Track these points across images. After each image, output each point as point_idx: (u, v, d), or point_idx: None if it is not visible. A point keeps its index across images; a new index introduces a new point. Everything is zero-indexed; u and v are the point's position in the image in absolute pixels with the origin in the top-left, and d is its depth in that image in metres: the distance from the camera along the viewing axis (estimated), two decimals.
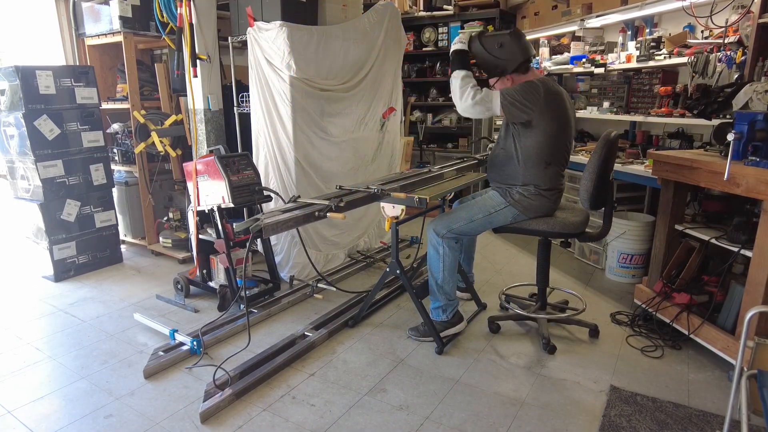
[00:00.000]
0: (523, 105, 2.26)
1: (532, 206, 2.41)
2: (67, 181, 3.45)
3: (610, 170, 2.36)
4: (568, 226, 2.42)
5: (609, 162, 2.33)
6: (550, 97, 2.28)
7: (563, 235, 2.48)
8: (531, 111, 2.26)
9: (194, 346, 2.43)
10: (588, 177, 2.27)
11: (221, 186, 2.75)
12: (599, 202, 2.37)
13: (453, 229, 2.47)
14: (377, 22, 3.61)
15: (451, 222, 2.48)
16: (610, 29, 4.27)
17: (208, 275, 3.11)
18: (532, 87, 2.26)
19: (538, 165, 2.36)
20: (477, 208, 2.48)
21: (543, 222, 2.43)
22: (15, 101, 3.25)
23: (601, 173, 2.26)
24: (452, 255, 2.49)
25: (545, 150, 2.33)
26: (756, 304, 2.05)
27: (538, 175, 2.37)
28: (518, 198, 2.41)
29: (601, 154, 2.25)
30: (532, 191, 2.39)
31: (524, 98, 2.26)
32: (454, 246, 2.49)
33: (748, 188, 2.04)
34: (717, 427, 1.91)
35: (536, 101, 2.25)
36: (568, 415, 2.02)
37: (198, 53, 3.31)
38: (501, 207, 2.44)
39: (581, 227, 2.45)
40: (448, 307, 2.56)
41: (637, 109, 3.79)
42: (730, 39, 2.89)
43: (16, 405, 2.09)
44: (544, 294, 2.68)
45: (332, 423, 1.97)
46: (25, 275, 3.54)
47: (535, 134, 2.32)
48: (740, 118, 2.10)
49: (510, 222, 2.46)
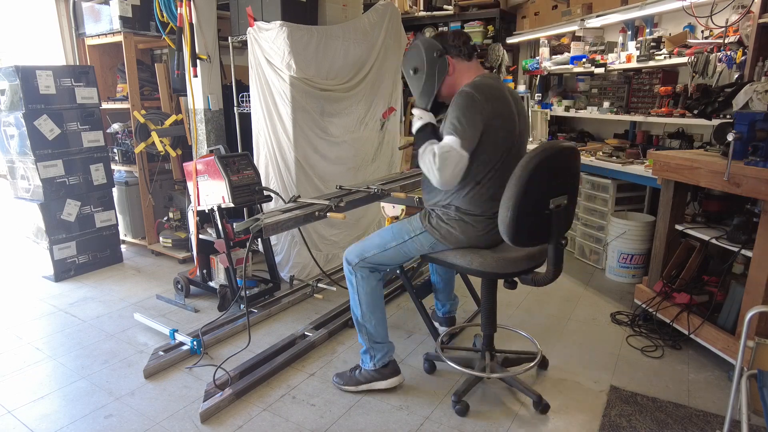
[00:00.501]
0: (474, 129, 1.82)
1: (451, 235, 1.95)
2: (67, 180, 3.45)
3: (553, 193, 1.73)
4: (491, 264, 1.87)
5: (544, 184, 1.71)
6: (491, 103, 1.85)
7: (485, 275, 1.95)
8: (479, 131, 1.84)
9: (194, 346, 2.43)
10: (504, 204, 1.70)
11: (221, 186, 2.75)
12: (531, 237, 1.78)
13: (366, 258, 2.08)
14: (377, 22, 3.61)
15: (364, 249, 2.10)
16: (610, 29, 4.27)
17: (208, 275, 3.11)
18: (469, 101, 1.83)
19: (465, 181, 1.89)
20: (392, 233, 2.08)
21: (461, 255, 1.94)
22: (15, 101, 3.25)
23: (527, 199, 1.66)
24: (368, 286, 2.09)
25: (479, 167, 1.88)
26: (756, 304, 2.05)
27: (462, 195, 1.92)
28: (435, 224, 1.97)
29: (521, 174, 1.65)
30: (452, 215, 1.94)
31: (468, 123, 1.81)
32: (368, 276, 2.09)
33: (748, 188, 2.04)
34: (717, 427, 1.91)
35: (481, 113, 1.82)
36: (568, 414, 2.02)
37: (198, 53, 3.31)
38: (417, 232, 2.01)
39: (516, 266, 1.89)
40: (375, 352, 2.14)
41: (637, 109, 3.79)
42: (731, 39, 2.89)
43: (16, 405, 2.09)
44: (491, 341, 2.17)
45: (332, 423, 1.97)
46: (26, 275, 3.54)
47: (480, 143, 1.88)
48: (740, 118, 2.10)
49: (427, 251, 2.03)
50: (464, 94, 1.84)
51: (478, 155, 1.85)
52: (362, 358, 2.18)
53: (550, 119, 4.69)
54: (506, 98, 1.91)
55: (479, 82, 1.89)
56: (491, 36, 5.03)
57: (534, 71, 4.86)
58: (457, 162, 1.80)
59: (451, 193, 1.94)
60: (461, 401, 2.02)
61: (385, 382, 2.16)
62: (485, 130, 1.83)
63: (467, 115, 1.81)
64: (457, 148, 1.80)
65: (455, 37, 1.98)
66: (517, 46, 5.17)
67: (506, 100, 1.90)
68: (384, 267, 2.13)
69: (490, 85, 1.90)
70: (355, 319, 2.17)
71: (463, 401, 2.02)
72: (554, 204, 1.73)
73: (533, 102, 4.87)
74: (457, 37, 1.98)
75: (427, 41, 1.98)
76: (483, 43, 5.05)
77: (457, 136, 1.80)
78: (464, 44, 1.98)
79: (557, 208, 1.74)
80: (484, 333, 2.15)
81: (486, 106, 1.82)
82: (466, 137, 1.80)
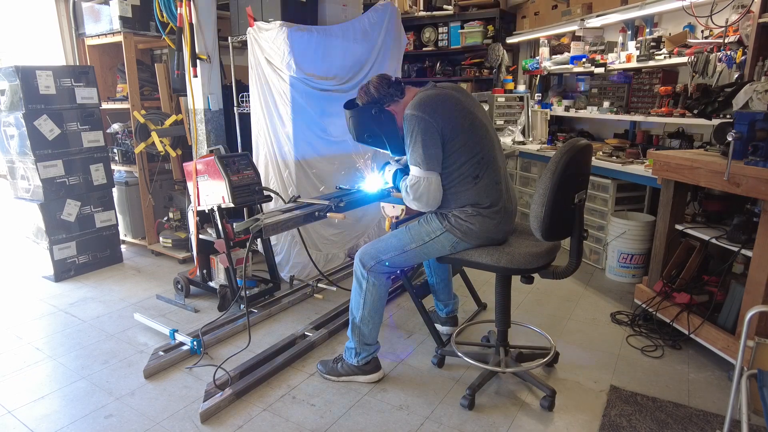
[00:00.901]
0: (432, 146, 1.90)
1: (472, 231, 1.97)
2: (67, 181, 3.45)
3: (576, 189, 1.82)
4: (518, 260, 1.92)
5: (571, 180, 1.78)
6: (439, 110, 1.91)
7: (510, 271, 1.97)
8: (438, 142, 1.91)
9: (194, 346, 2.43)
10: (539, 200, 1.75)
11: (221, 186, 2.75)
12: (558, 231, 1.85)
13: (382, 261, 2.07)
14: (377, 22, 3.61)
15: (380, 251, 2.08)
16: (610, 29, 4.27)
17: (208, 275, 3.11)
18: (414, 123, 1.90)
19: (466, 182, 1.96)
20: (410, 235, 2.07)
21: (486, 253, 1.97)
22: (15, 101, 3.25)
23: (559, 194, 1.74)
24: (378, 292, 2.11)
25: (467, 164, 1.94)
26: (756, 303, 2.05)
27: (471, 193, 1.97)
28: (455, 222, 1.98)
29: (556, 169, 1.72)
30: (470, 212, 1.97)
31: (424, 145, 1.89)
32: (383, 282, 2.11)
33: (748, 188, 2.04)
34: (717, 427, 1.91)
35: (432, 126, 1.89)
36: (568, 414, 2.02)
37: (198, 53, 3.31)
38: (437, 233, 2.01)
39: (539, 261, 1.94)
40: (362, 351, 2.19)
41: (637, 109, 3.79)
42: (730, 39, 2.89)
43: (16, 405, 2.09)
44: (505, 336, 2.17)
45: (332, 423, 1.97)
46: (26, 275, 3.54)
47: (447, 154, 1.94)
48: (740, 118, 2.10)
49: (449, 252, 2.04)
50: (408, 119, 1.92)
51: (456, 159, 1.93)
52: (347, 352, 2.23)
53: (550, 119, 4.69)
54: (451, 96, 1.98)
55: (417, 100, 1.95)
56: (491, 36, 5.04)
57: (534, 71, 4.86)
58: (427, 186, 1.92)
59: (461, 196, 1.97)
60: (473, 396, 2.06)
61: (365, 377, 2.22)
62: (448, 136, 1.91)
63: (419, 138, 1.89)
64: (422, 175, 1.91)
65: (379, 87, 2.05)
66: (517, 46, 5.18)
67: (452, 98, 1.97)
68: (397, 269, 2.16)
69: (429, 96, 1.96)
70: (351, 319, 2.18)
71: (472, 397, 2.05)
72: (578, 198, 1.83)
73: (533, 102, 4.88)
74: (381, 86, 2.06)
75: (359, 112, 2.08)
76: (483, 43, 5.06)
77: (417, 164, 1.91)
78: (390, 87, 2.06)
79: (580, 202, 1.85)
80: (498, 329, 2.17)
81: (435, 116, 1.89)
82: (426, 159, 1.90)
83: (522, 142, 4.48)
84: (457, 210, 1.99)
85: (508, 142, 4.56)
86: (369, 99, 2.07)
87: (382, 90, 2.05)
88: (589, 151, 1.89)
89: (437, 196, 1.95)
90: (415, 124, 1.89)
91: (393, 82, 2.08)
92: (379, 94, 2.06)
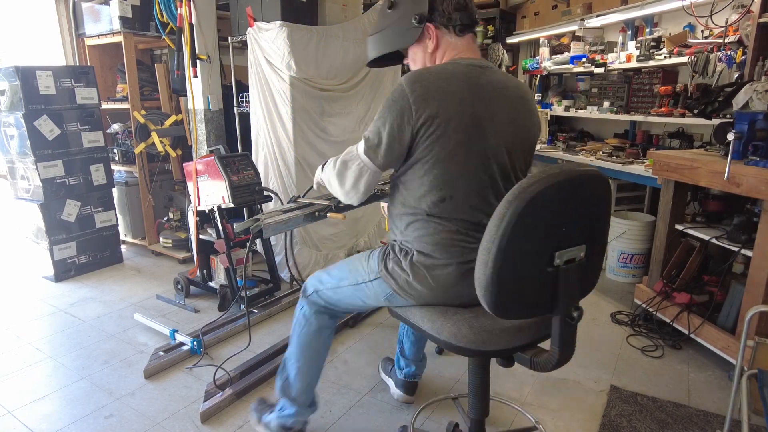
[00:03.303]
0: (391, 138, 1.33)
1: (412, 288, 1.39)
2: (67, 181, 3.45)
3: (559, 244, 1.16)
4: (469, 336, 1.30)
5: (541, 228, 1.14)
6: (433, 99, 1.30)
7: (457, 350, 1.34)
8: (405, 138, 1.33)
9: (194, 346, 2.43)
10: (480, 254, 1.14)
11: (221, 186, 2.75)
12: (520, 306, 1.21)
13: (320, 291, 1.61)
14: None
15: (322, 279, 1.63)
16: (610, 29, 4.27)
17: (208, 275, 3.11)
18: (395, 99, 1.33)
19: (425, 198, 1.36)
20: (348, 269, 1.57)
21: (441, 319, 1.36)
22: (15, 101, 3.25)
23: (514, 250, 1.11)
24: (308, 327, 1.63)
25: (440, 174, 1.34)
26: (756, 303, 2.05)
27: (420, 229, 1.38)
28: (391, 268, 1.43)
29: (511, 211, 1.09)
30: (415, 258, 1.38)
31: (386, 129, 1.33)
32: (317, 322, 1.63)
33: (748, 188, 2.04)
34: (718, 427, 1.91)
35: (408, 116, 1.30)
36: (568, 414, 2.02)
37: (198, 53, 3.31)
38: (371, 277, 1.47)
39: (521, 336, 1.32)
40: (285, 405, 1.71)
41: (637, 109, 3.79)
42: (730, 38, 2.89)
43: (16, 405, 2.09)
44: (481, 427, 1.59)
45: (332, 423, 1.97)
46: (26, 275, 3.54)
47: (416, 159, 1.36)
48: (740, 118, 2.10)
49: (385, 304, 1.50)
50: (396, 88, 1.34)
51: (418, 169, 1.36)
52: (279, 402, 1.76)
53: (550, 119, 4.69)
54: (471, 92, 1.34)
55: (419, 72, 1.36)
56: (491, 36, 5.04)
57: (534, 71, 4.86)
58: (358, 172, 1.40)
59: (408, 222, 1.41)
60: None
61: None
62: (419, 135, 1.32)
63: (388, 117, 1.33)
64: (362, 156, 1.39)
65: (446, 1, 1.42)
66: (517, 46, 5.17)
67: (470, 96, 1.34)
68: (335, 310, 1.64)
69: (435, 74, 1.34)
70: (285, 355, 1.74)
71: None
72: (562, 259, 1.16)
73: None
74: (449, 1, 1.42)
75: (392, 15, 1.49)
76: (483, 43, 5.06)
77: (366, 138, 1.39)
78: (456, 11, 1.41)
79: (568, 263, 1.17)
80: (472, 417, 1.58)
81: (420, 105, 1.30)
82: (376, 144, 1.36)
83: None
84: (402, 243, 1.44)
85: None
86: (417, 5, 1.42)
87: (446, 5, 1.41)
88: (596, 183, 1.19)
89: (362, 192, 1.44)
90: (394, 99, 1.33)
91: (466, 12, 1.42)
92: (441, 7, 1.41)
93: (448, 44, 1.45)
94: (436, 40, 1.44)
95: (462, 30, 1.44)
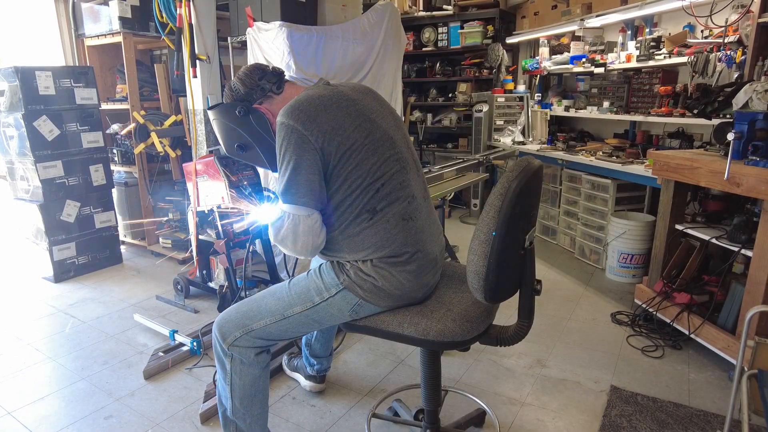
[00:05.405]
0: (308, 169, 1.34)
1: (379, 289, 1.40)
2: (66, 181, 3.45)
3: (526, 228, 1.31)
4: (452, 328, 1.37)
5: (524, 216, 1.27)
6: (321, 118, 1.35)
7: (443, 346, 1.41)
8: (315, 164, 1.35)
9: (194, 346, 2.43)
10: (480, 250, 1.24)
11: (221, 186, 2.75)
12: (506, 289, 1.35)
13: (253, 332, 1.48)
14: (377, 22, 3.61)
15: (248, 316, 1.49)
16: (610, 29, 4.27)
17: (207, 276, 3.10)
18: (286, 137, 1.34)
19: (361, 220, 1.39)
20: (293, 293, 1.48)
21: (407, 320, 1.40)
22: (14, 102, 3.24)
23: (508, 239, 1.23)
24: (249, 375, 1.53)
25: (361, 195, 1.38)
26: (756, 303, 2.05)
27: (370, 234, 1.40)
28: (355, 276, 1.41)
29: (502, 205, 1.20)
30: (375, 262, 1.40)
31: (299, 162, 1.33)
32: (252, 361, 1.51)
33: (748, 188, 2.04)
34: (718, 427, 1.91)
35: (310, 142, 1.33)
36: (568, 415, 2.01)
37: (197, 53, 3.31)
38: (333, 291, 1.44)
39: (479, 325, 1.41)
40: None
41: (637, 109, 3.79)
42: (730, 38, 2.89)
43: (16, 406, 2.09)
44: (436, 415, 1.72)
45: (332, 423, 1.97)
46: (25, 276, 3.54)
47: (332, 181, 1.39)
48: (740, 118, 2.10)
49: (350, 317, 1.46)
50: (278, 128, 1.36)
51: (347, 188, 1.38)
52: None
53: (550, 119, 4.70)
54: (343, 99, 1.43)
55: (294, 102, 1.38)
56: (491, 36, 5.04)
57: (534, 71, 4.86)
58: (293, 227, 1.36)
59: (355, 240, 1.41)
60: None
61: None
62: (333, 156, 1.35)
63: (290, 157, 1.33)
64: (287, 210, 1.36)
65: (246, 78, 1.54)
66: (516, 46, 5.18)
67: (344, 102, 1.42)
68: (276, 342, 1.55)
69: (310, 98, 1.39)
70: (221, 412, 1.60)
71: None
72: (528, 240, 1.32)
73: (533, 102, 4.88)
74: (250, 77, 1.54)
75: (221, 112, 1.57)
76: (483, 43, 5.06)
77: (283, 193, 1.36)
78: (262, 78, 1.54)
79: (531, 245, 1.34)
80: (426, 408, 1.70)
81: (312, 128, 1.33)
82: (294, 188, 1.34)
83: (522, 143, 4.48)
84: (356, 259, 1.42)
85: (508, 142, 4.56)
86: (235, 95, 1.55)
87: (250, 82, 1.53)
88: (541, 174, 1.38)
89: (310, 241, 1.38)
90: (285, 136, 1.34)
91: (269, 72, 1.55)
92: (247, 89, 1.53)
93: (278, 104, 1.53)
94: (268, 110, 1.55)
95: (278, 86, 1.56)
